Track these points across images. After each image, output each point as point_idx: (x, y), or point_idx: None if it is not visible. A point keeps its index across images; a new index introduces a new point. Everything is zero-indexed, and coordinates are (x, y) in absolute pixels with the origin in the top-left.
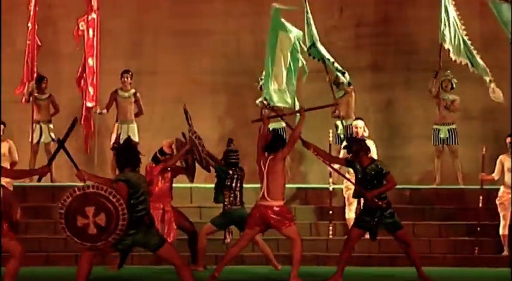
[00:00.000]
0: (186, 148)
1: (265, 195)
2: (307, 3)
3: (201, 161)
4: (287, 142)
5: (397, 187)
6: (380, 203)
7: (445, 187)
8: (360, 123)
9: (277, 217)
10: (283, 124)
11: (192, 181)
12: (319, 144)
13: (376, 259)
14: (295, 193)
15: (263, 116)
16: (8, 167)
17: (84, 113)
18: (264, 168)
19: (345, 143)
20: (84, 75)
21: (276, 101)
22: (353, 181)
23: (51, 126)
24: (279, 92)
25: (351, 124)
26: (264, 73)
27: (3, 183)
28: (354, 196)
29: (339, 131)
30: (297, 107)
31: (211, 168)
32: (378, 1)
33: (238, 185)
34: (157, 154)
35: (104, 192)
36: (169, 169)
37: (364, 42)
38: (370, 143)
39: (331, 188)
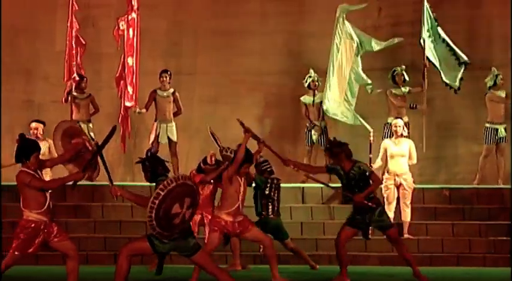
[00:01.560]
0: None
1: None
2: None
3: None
4: (232, 162)
5: (437, 186)
6: (369, 204)
7: (485, 187)
8: (399, 122)
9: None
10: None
11: None
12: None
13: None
14: (333, 193)
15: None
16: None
17: (122, 113)
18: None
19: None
20: (124, 74)
21: (327, 110)
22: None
23: (90, 125)
24: (333, 102)
25: (390, 123)
26: (311, 72)
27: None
28: (344, 201)
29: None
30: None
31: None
32: (416, 0)
33: (276, 194)
34: (201, 164)
35: (196, 187)
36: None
37: (402, 42)
38: (408, 143)
39: None
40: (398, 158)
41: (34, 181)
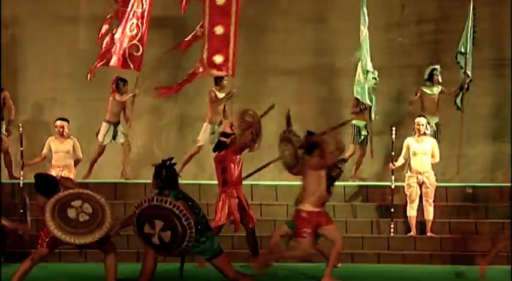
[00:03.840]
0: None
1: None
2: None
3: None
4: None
5: (460, 184)
6: None
7: (508, 185)
8: (422, 120)
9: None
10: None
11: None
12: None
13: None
14: (356, 191)
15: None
16: (72, 164)
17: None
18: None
19: None
20: (204, 39)
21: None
22: None
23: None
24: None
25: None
26: None
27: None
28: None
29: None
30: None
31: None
32: None
33: None
34: (222, 139)
35: (177, 211)
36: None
37: (426, 39)
38: (431, 141)
39: (393, 186)
40: (421, 156)
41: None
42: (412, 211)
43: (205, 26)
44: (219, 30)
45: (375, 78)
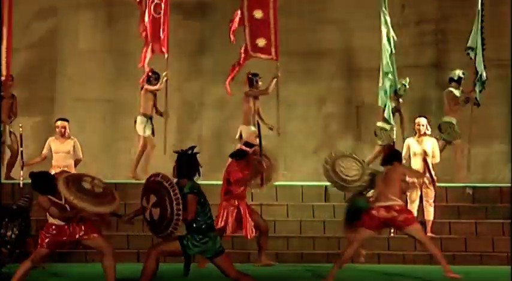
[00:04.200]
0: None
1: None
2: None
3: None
4: None
5: (460, 185)
6: None
7: (508, 185)
8: (422, 120)
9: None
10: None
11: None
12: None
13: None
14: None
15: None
16: (73, 164)
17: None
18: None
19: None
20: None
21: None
22: None
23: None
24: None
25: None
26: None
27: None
28: None
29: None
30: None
31: None
32: None
33: None
34: (244, 148)
35: (173, 193)
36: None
37: (426, 39)
38: (432, 141)
39: None
40: (421, 157)
41: (51, 210)
42: (413, 211)
43: (244, 11)
44: (258, 14)
45: (404, 85)
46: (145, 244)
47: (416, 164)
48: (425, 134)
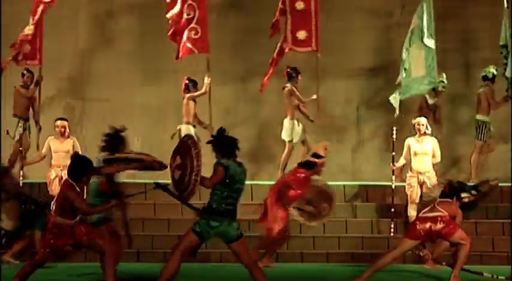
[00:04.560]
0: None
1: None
2: None
3: None
4: None
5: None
6: None
7: (509, 185)
8: (422, 120)
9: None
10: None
11: None
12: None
13: None
14: (356, 191)
15: None
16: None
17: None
18: None
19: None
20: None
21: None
22: None
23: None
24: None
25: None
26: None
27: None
28: None
29: None
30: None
31: None
32: None
33: None
34: (313, 160)
35: (196, 160)
36: None
37: None
38: (432, 141)
39: (393, 186)
40: (421, 156)
41: (78, 202)
42: (412, 211)
43: (286, 2)
44: (299, 5)
45: (442, 81)
46: (146, 244)
47: (417, 163)
48: (425, 133)
